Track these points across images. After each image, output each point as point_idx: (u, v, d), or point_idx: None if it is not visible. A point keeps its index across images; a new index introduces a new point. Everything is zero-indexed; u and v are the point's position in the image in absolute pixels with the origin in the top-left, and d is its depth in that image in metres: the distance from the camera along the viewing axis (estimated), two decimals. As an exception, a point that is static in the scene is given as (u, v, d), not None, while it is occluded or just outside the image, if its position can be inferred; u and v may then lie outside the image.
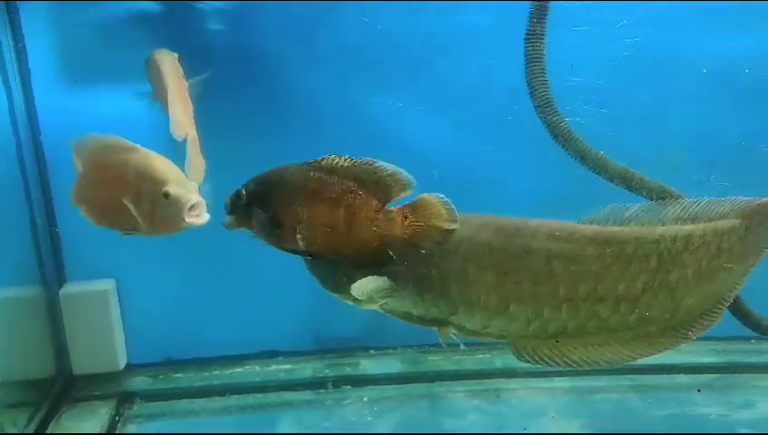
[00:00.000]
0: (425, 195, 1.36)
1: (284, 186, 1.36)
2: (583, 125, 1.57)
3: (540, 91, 1.66)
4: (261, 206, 1.37)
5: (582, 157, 1.59)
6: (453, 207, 1.34)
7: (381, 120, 2.17)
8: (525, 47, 1.69)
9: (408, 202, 1.35)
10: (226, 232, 2.33)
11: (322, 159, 1.35)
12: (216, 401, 2.36)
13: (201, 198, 1.55)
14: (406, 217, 1.35)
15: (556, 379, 2.38)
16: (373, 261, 1.37)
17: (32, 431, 2.16)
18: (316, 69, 2.20)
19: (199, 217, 1.55)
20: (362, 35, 2.15)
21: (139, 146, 1.61)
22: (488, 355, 2.49)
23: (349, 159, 1.35)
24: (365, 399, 2.32)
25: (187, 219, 1.53)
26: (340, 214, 1.33)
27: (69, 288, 2.36)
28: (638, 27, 1.68)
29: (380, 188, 1.35)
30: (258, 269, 2.30)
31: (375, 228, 1.34)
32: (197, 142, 1.86)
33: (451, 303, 1.45)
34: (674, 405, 2.24)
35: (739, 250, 1.42)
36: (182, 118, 1.81)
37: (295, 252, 1.40)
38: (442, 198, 1.36)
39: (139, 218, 1.55)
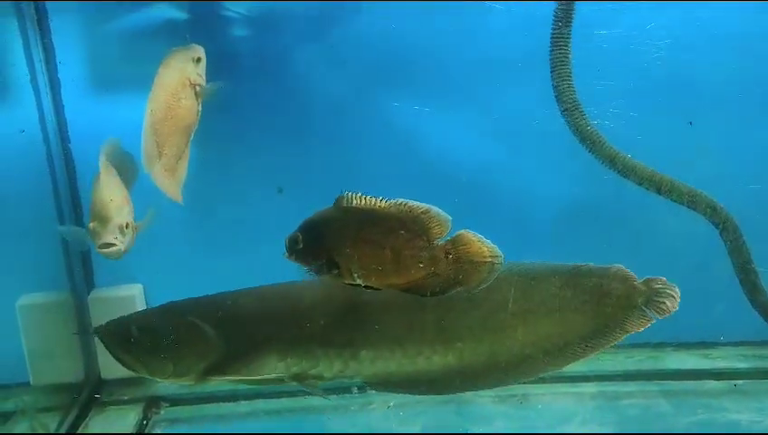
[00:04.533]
0: (462, 232, 1.38)
1: (332, 232, 1.41)
2: (612, 129, 1.56)
3: (567, 95, 1.65)
4: (316, 250, 1.42)
5: (611, 161, 1.58)
6: (492, 244, 1.36)
7: (408, 125, 2.18)
8: (551, 51, 1.68)
9: (449, 238, 1.39)
10: (252, 239, 2.36)
11: (353, 198, 1.39)
12: (243, 406, 2.37)
13: (112, 241, 1.79)
14: (448, 254, 1.37)
15: (583, 384, 2.35)
16: (431, 294, 1.40)
17: (65, 431, 2.19)
18: (341, 75, 2.21)
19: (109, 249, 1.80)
20: (387, 41, 2.15)
21: (102, 175, 1.87)
22: (514, 360, 2.48)
23: (384, 200, 1.39)
24: (391, 404, 2.31)
25: (99, 251, 1.80)
26: (386, 254, 1.38)
27: (97, 293, 2.39)
28: (668, 29, 1.66)
29: (421, 226, 1.38)
30: (283, 275, 2.31)
31: (421, 265, 1.37)
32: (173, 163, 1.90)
33: (317, 358, 1.56)
34: (704, 411, 2.20)
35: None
36: (152, 151, 1.83)
37: (356, 286, 1.44)
38: (479, 236, 1.38)
39: None
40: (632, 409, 2.24)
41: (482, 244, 1.39)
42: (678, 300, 1.52)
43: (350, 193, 1.41)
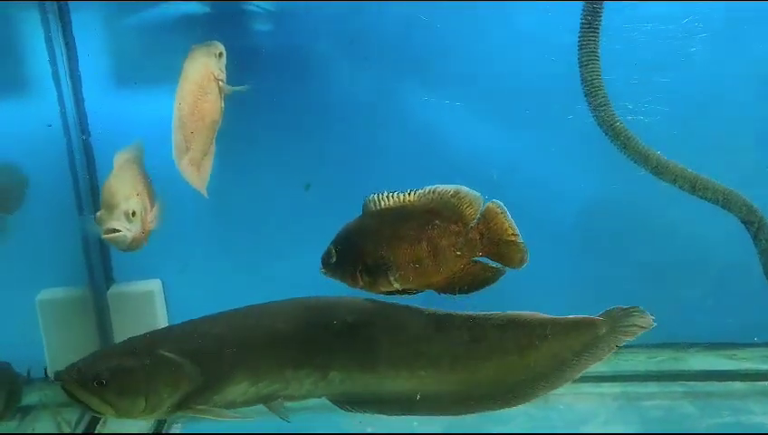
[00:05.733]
0: (489, 205, 1.35)
1: (365, 236, 1.40)
2: (647, 124, 1.53)
3: (598, 91, 1.62)
4: (350, 260, 1.41)
5: (645, 159, 1.55)
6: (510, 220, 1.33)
7: (433, 120, 2.15)
8: (580, 45, 1.66)
9: (479, 217, 1.36)
10: (271, 235, 2.35)
11: (381, 200, 1.38)
12: (264, 403, 2.35)
13: (116, 226, 1.78)
14: (482, 235, 1.35)
15: (605, 384, 2.33)
16: (469, 288, 1.41)
17: (81, 431, 2.18)
18: (364, 69, 2.19)
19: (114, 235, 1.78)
20: (411, 35, 2.13)
21: (115, 167, 1.89)
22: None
23: (413, 192, 1.37)
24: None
25: (104, 236, 1.78)
26: (423, 248, 1.36)
27: (117, 289, 2.39)
28: (705, 23, 1.63)
29: (453, 212, 1.36)
30: (303, 272, 2.29)
31: (459, 253, 1.34)
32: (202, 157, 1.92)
33: (287, 380, 1.55)
34: (729, 413, 2.17)
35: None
36: (181, 145, 1.84)
37: (393, 293, 1.44)
38: (504, 209, 1.35)
39: None
40: (655, 410, 2.21)
41: (504, 217, 1.37)
42: (647, 318, 1.50)
43: (376, 195, 1.39)
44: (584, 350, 1.52)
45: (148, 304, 2.37)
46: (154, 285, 2.38)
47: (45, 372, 1.53)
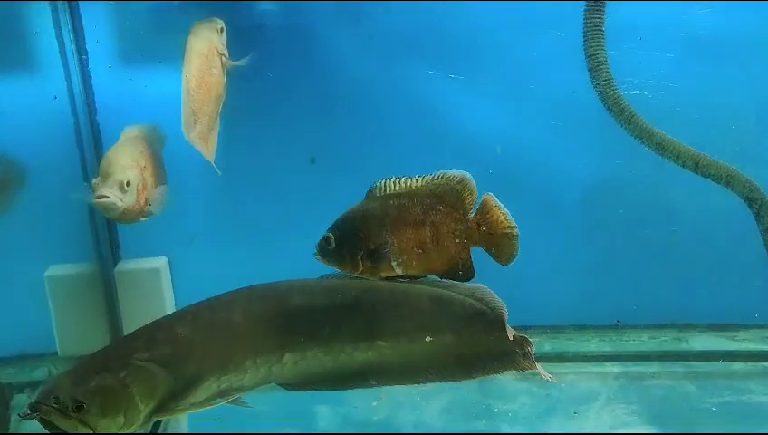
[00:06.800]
0: (486, 197, 1.37)
1: (369, 220, 1.42)
2: (651, 100, 1.53)
3: (601, 66, 1.62)
4: (351, 245, 1.43)
5: (648, 136, 1.55)
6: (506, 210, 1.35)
7: (438, 97, 2.15)
8: (585, 20, 1.65)
9: (478, 207, 1.38)
10: (279, 215, 2.36)
11: (386, 186, 1.39)
12: (266, 380, 2.37)
13: (107, 194, 1.78)
14: (480, 226, 1.36)
15: (607, 364, 2.34)
16: (465, 275, 1.43)
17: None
18: (369, 48, 2.19)
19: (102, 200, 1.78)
20: (418, 13, 2.12)
21: (120, 140, 1.93)
22: (537, 339, 2.46)
23: (420, 178, 1.38)
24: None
25: (94, 202, 1.80)
26: (426, 233, 1.39)
27: (123, 266, 2.40)
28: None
29: (456, 198, 1.39)
30: (308, 250, 2.31)
31: (457, 240, 1.36)
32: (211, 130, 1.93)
33: (246, 369, 1.56)
34: (729, 393, 2.18)
35: None
36: (189, 118, 1.83)
37: (394, 278, 1.45)
38: (498, 202, 1.37)
39: None
40: (657, 389, 2.23)
41: (498, 210, 1.39)
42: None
43: (382, 181, 1.40)
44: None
45: (155, 281, 2.38)
46: (160, 263, 2.40)
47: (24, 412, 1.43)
